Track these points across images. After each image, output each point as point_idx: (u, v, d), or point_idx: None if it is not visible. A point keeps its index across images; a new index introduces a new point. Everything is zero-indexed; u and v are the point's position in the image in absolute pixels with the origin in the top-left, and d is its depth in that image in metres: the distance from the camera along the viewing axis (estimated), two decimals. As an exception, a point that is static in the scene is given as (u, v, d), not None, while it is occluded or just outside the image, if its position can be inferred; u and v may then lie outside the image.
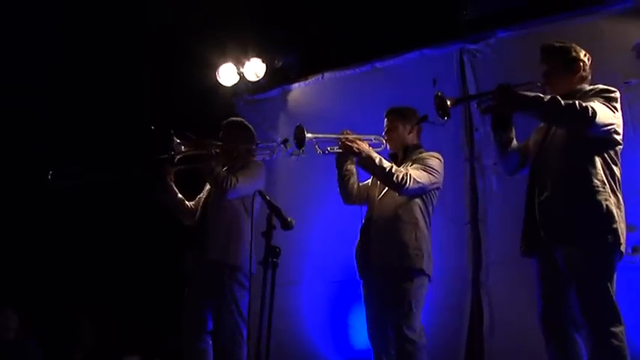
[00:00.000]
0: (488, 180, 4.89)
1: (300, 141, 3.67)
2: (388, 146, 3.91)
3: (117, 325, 6.65)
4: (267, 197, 2.88)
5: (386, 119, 3.93)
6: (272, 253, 2.71)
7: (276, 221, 2.82)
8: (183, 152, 4.14)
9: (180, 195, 4.37)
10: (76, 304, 6.60)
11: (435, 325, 4.72)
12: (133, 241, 6.45)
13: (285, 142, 4.02)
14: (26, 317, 6.36)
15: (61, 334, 6.55)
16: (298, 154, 3.81)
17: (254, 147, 4.32)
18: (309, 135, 3.67)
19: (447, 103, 3.25)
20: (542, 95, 3.03)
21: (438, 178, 3.74)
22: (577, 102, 2.93)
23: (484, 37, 5.20)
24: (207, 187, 4.38)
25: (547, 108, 2.97)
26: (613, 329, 2.85)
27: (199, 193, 4.46)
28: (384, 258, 3.59)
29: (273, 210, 2.81)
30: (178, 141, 4.11)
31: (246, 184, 4.01)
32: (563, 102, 2.92)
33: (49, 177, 4.29)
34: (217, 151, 4.18)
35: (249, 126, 4.43)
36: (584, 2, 4.80)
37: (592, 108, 2.90)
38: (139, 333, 6.40)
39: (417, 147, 3.89)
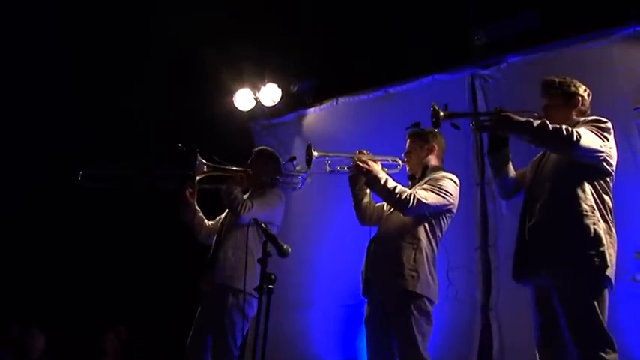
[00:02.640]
0: (498, 204, 4.90)
1: (308, 159, 3.72)
2: (407, 168, 3.88)
3: (140, 348, 6.74)
4: (263, 225, 2.95)
5: (408, 140, 3.91)
6: (267, 279, 2.77)
7: (272, 248, 2.88)
8: (204, 172, 4.26)
9: (200, 214, 4.47)
10: (99, 326, 6.72)
11: (444, 350, 4.73)
12: (158, 264, 6.57)
13: (292, 159, 4.11)
14: (50, 339, 6.52)
15: (84, 356, 6.68)
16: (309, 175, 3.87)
17: (277, 178, 4.43)
18: (315, 153, 3.70)
19: (440, 114, 3.31)
20: (532, 120, 3.13)
21: (450, 201, 3.60)
22: (564, 127, 3.02)
23: (495, 62, 5.27)
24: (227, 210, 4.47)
25: (535, 131, 3.06)
26: (604, 355, 2.83)
27: (220, 214, 4.54)
28: (381, 276, 3.55)
29: (269, 237, 2.88)
30: (203, 161, 4.24)
31: (260, 211, 4.09)
32: (550, 126, 3.03)
33: (79, 178, 4.42)
34: (242, 175, 4.30)
35: (279, 158, 4.55)
36: (594, 27, 4.82)
37: (577, 132, 3.00)
38: (161, 355, 6.49)
39: (438, 169, 3.79)
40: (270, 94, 6.20)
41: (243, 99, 6.26)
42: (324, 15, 5.82)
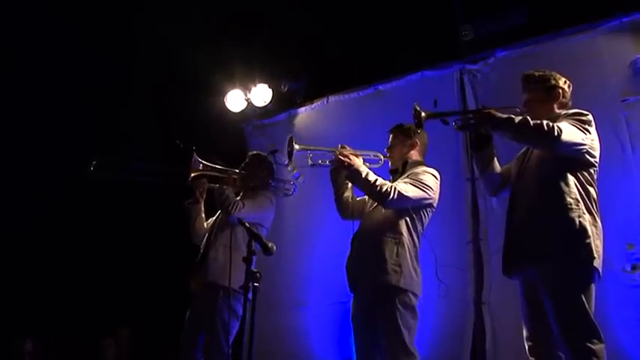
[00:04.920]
0: (489, 199, 4.90)
1: (290, 152, 3.75)
2: (389, 162, 3.91)
3: (139, 352, 6.77)
4: (247, 224, 2.98)
5: (390, 135, 3.95)
6: (252, 277, 2.79)
7: (256, 247, 2.90)
8: (199, 170, 4.34)
9: (203, 214, 4.54)
10: (99, 330, 6.74)
11: (436, 346, 4.75)
12: (148, 265, 6.60)
13: (274, 152, 4.16)
14: (47, 344, 6.54)
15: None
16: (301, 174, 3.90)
17: (270, 182, 4.52)
18: (297, 146, 3.73)
19: (421, 115, 3.33)
20: (513, 116, 3.14)
21: (430, 195, 3.62)
22: (545, 122, 3.03)
23: (483, 57, 5.29)
24: (218, 211, 4.51)
25: (517, 127, 3.07)
26: (590, 346, 2.85)
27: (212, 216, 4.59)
28: (364, 272, 3.56)
29: (253, 236, 2.90)
30: (199, 159, 4.32)
31: (251, 211, 4.20)
32: (531, 122, 3.03)
33: (92, 168, 4.43)
34: (235, 177, 4.39)
35: (273, 164, 4.67)
36: (580, 20, 4.84)
37: (558, 127, 3.01)
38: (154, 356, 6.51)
39: (419, 163, 3.82)
40: (261, 94, 6.22)
41: (235, 100, 6.29)
42: (313, 14, 5.84)
